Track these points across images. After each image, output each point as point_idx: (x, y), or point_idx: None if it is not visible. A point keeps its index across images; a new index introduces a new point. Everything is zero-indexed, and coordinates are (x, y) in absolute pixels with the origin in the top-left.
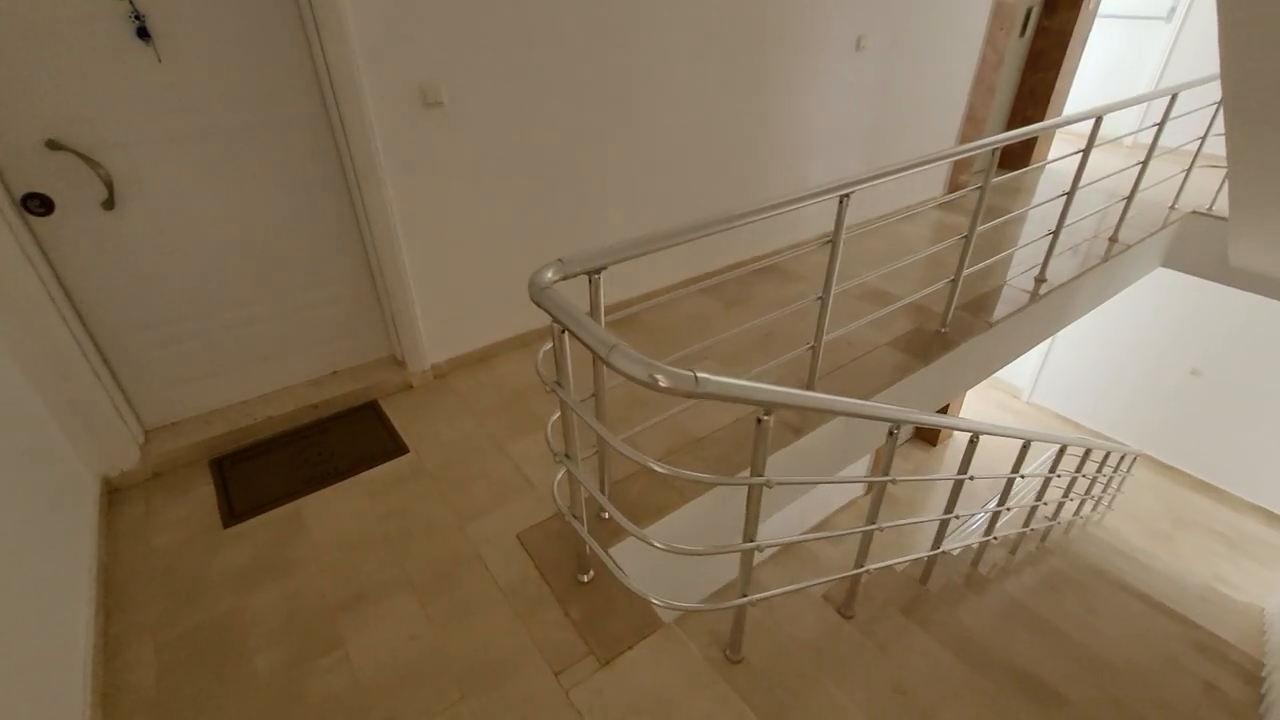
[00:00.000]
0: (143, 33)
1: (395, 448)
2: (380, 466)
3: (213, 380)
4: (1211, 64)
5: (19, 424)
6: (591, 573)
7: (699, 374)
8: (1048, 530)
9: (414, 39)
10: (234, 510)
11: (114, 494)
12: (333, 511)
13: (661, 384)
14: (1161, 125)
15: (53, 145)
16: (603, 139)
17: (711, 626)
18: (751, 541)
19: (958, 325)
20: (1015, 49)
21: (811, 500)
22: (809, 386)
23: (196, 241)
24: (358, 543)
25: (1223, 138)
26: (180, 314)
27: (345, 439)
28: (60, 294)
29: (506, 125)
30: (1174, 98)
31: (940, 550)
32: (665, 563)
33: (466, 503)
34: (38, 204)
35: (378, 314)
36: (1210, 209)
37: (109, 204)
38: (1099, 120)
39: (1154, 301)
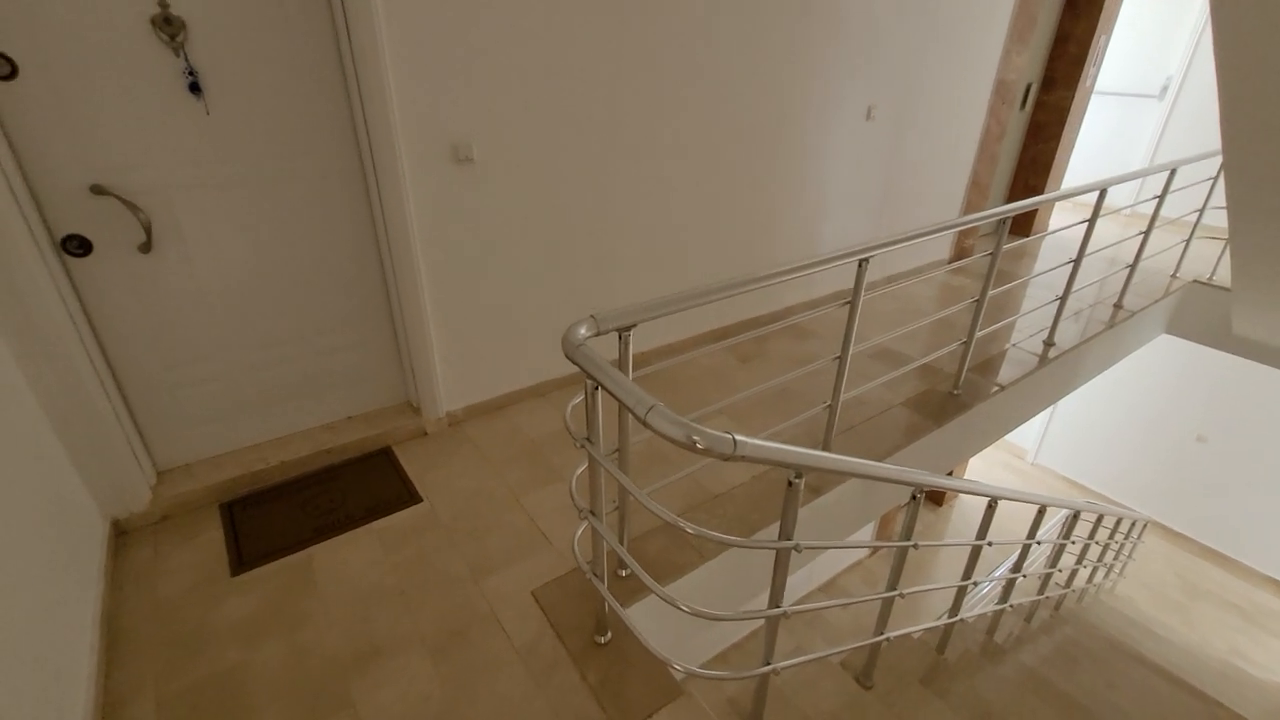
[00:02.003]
0: (194, 87)
1: (409, 496)
2: (393, 515)
3: (228, 422)
4: (1201, 140)
5: (37, 462)
6: (609, 634)
7: (737, 437)
8: (1061, 598)
9: (450, 98)
10: (243, 557)
11: (122, 536)
12: (344, 561)
13: (699, 446)
14: (1162, 198)
15: (97, 190)
16: (625, 197)
17: (728, 694)
18: (778, 607)
19: (969, 387)
20: (1016, 122)
21: (818, 560)
22: (825, 446)
23: (225, 285)
24: (369, 595)
25: (1220, 210)
26: (202, 355)
27: (358, 486)
28: (89, 334)
29: (533, 182)
30: (1173, 173)
31: (959, 618)
32: (674, 623)
33: (481, 556)
34: (76, 245)
35: (396, 360)
36: (1211, 279)
37: (146, 247)
38: (1104, 192)
39: (1158, 367)
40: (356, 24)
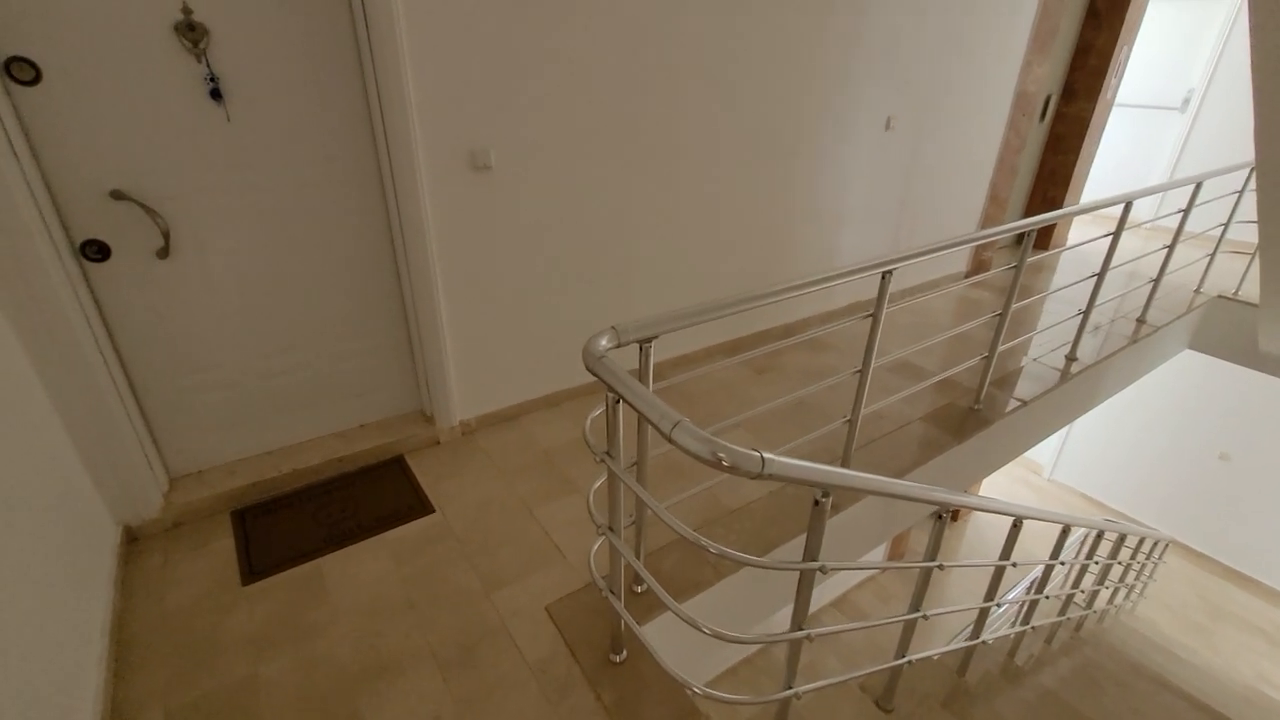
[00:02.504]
0: (215, 94)
1: (421, 506)
2: (405, 526)
3: (241, 429)
4: (1224, 153)
5: (53, 467)
6: (625, 653)
7: (765, 455)
8: (1082, 619)
9: (468, 108)
10: (253, 567)
11: (133, 543)
12: (355, 572)
13: (725, 464)
14: (1187, 211)
15: (117, 195)
16: (644, 206)
17: (746, 715)
18: (801, 629)
19: (990, 403)
20: (1036, 133)
21: (830, 575)
22: (844, 461)
23: (241, 291)
24: (380, 608)
25: (1244, 224)
26: (217, 361)
27: (370, 495)
28: (105, 338)
29: (550, 190)
30: (1199, 186)
31: (981, 640)
32: (689, 640)
33: (494, 569)
34: (95, 250)
35: (410, 368)
36: (1236, 294)
37: (163, 253)
38: (1129, 205)
39: (1180, 383)
40: (377, 32)
